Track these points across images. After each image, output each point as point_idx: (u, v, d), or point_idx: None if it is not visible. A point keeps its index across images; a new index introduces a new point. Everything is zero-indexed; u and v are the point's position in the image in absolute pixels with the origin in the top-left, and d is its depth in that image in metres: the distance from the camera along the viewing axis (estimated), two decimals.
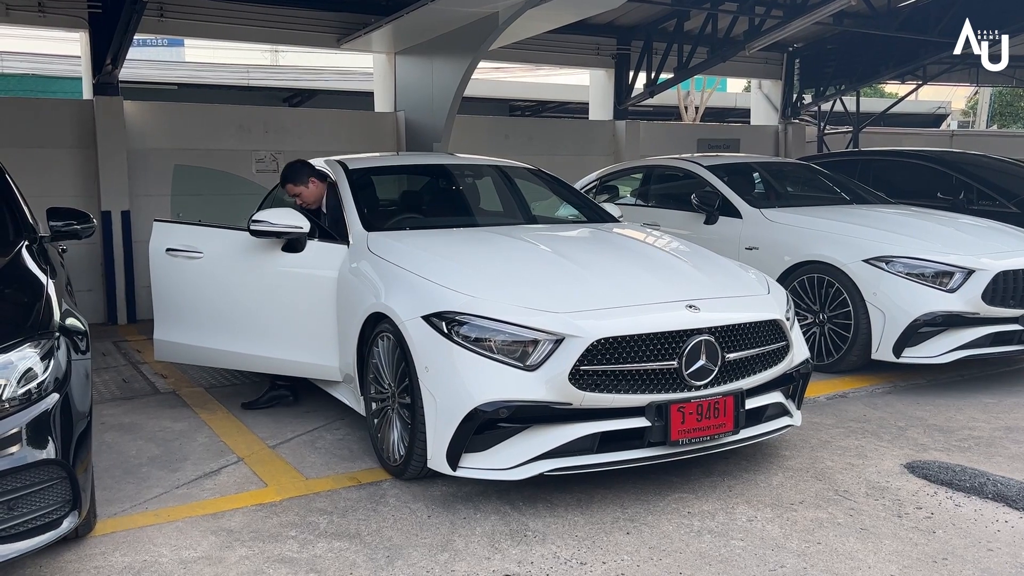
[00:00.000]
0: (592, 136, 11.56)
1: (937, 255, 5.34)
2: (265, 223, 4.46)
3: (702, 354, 3.52)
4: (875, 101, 18.81)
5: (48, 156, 7.98)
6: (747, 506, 3.49)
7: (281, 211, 4.60)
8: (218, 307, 4.79)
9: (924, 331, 5.23)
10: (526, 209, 5.50)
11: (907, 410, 4.88)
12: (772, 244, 6.06)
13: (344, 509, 3.48)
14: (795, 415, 4.04)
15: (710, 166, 7.06)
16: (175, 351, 4.96)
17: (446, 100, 8.68)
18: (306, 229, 4.49)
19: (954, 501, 3.53)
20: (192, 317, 4.84)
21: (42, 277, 3.30)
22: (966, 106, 29.57)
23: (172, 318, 4.88)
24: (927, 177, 8.34)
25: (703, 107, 19.04)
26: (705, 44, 10.93)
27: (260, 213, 4.57)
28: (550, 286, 3.75)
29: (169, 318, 4.89)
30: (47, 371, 2.78)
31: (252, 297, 4.69)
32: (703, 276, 4.07)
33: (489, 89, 16.54)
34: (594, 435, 3.42)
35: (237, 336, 4.73)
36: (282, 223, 4.48)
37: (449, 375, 3.45)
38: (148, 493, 3.68)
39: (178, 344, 4.90)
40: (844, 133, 13.98)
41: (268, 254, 4.61)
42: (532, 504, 3.50)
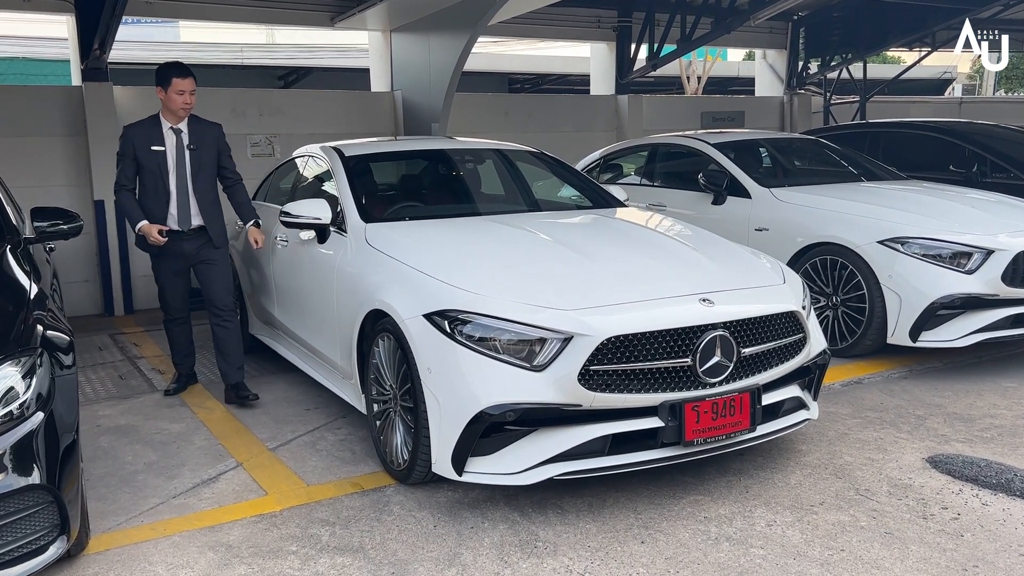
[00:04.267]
0: (594, 112, 11.32)
1: (954, 235, 5.16)
2: (290, 215, 4.54)
3: (717, 350, 3.36)
4: (881, 67, 18.47)
5: (37, 145, 7.79)
6: (765, 508, 3.36)
7: (308, 202, 4.60)
8: (282, 297, 5.17)
9: (942, 314, 5.07)
10: (529, 195, 5.32)
11: (925, 397, 4.74)
12: (783, 225, 5.89)
13: (347, 519, 3.35)
14: (812, 408, 3.90)
15: (717, 144, 6.87)
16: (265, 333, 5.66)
17: (444, 78, 8.45)
18: (325, 220, 4.47)
19: (980, 499, 3.40)
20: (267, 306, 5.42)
21: (24, 286, 3.15)
22: (971, 70, 29.15)
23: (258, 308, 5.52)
24: (939, 149, 8.14)
25: (705, 77, 18.75)
26: (709, 14, 10.65)
27: (289, 204, 4.64)
28: (557, 280, 3.59)
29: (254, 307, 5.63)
30: (29, 389, 2.64)
31: (300, 288, 4.87)
32: (715, 266, 3.91)
33: (488, 63, 16.25)
34: (605, 437, 3.28)
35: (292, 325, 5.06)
36: (304, 214, 4.51)
37: (453, 377, 3.30)
38: (144, 504, 3.55)
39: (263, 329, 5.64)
40: (851, 103, 13.71)
41: (308, 244, 4.71)
42: (542, 510, 3.37)
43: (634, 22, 11.26)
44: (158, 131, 4.68)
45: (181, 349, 5.17)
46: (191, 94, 4.66)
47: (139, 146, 4.66)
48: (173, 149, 4.69)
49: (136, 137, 4.68)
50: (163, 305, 5.00)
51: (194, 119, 4.77)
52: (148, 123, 4.73)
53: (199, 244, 4.81)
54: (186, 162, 4.70)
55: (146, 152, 4.66)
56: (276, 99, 9.37)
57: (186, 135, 4.71)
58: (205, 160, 4.76)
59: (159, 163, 4.66)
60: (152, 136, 4.66)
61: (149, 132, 4.68)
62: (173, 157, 4.68)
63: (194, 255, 4.82)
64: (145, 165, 4.67)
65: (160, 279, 4.92)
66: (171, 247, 4.73)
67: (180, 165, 4.69)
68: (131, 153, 4.68)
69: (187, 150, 4.70)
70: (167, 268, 4.86)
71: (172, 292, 4.94)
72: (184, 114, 4.69)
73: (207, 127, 4.81)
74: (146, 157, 4.66)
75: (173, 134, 4.69)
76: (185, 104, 4.65)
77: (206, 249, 4.82)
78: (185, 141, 4.70)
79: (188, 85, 4.64)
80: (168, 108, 4.67)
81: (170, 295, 4.95)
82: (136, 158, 4.67)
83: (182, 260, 4.83)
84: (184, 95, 4.63)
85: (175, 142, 4.69)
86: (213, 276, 4.88)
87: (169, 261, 4.82)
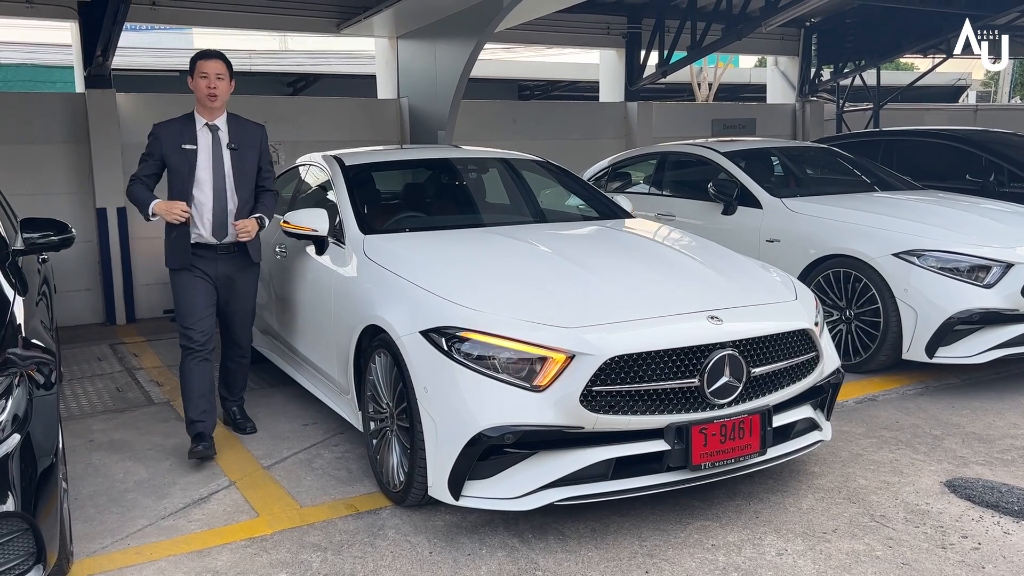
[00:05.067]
0: (603, 119, 11.19)
1: (972, 248, 5.01)
2: (289, 224, 4.39)
3: (726, 370, 3.22)
4: (895, 74, 18.28)
5: (40, 152, 7.72)
6: (776, 536, 3.21)
7: (307, 212, 4.45)
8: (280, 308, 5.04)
9: (959, 329, 4.91)
10: (534, 205, 5.19)
11: (942, 415, 4.58)
12: (795, 236, 5.74)
13: (340, 544, 3.23)
14: (825, 428, 3.75)
15: (727, 152, 6.73)
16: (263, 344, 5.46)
17: (450, 86, 8.34)
18: (321, 232, 4.33)
19: (1002, 528, 3.24)
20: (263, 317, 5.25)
21: (7, 300, 3.04)
22: (986, 77, 28.85)
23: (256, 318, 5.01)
24: (955, 158, 7.97)
25: (716, 83, 18.58)
26: (720, 21, 10.53)
27: (289, 214, 4.49)
28: (559, 296, 3.46)
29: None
30: (5, 411, 2.52)
31: (298, 299, 4.74)
32: (724, 281, 3.77)
33: (497, 70, 16.16)
34: (608, 460, 3.14)
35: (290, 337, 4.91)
36: (302, 224, 4.37)
37: (450, 396, 3.18)
38: (132, 525, 3.43)
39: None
40: (864, 110, 13.53)
41: (307, 255, 4.57)
42: (542, 535, 3.24)
43: (644, 29, 11.14)
44: (190, 128, 4.10)
45: (201, 398, 4.14)
46: (216, 78, 4.05)
47: (168, 145, 4.07)
48: (208, 148, 4.09)
49: (165, 135, 4.09)
50: (185, 334, 4.17)
51: (234, 117, 4.21)
52: (180, 120, 4.15)
53: (233, 264, 4.21)
54: (225, 163, 4.11)
55: (176, 151, 4.07)
56: (281, 106, 9.29)
57: (225, 133, 4.13)
58: (247, 163, 4.19)
59: (190, 163, 4.06)
60: (184, 134, 4.08)
61: (180, 130, 4.09)
62: (208, 157, 4.09)
63: (224, 276, 4.21)
64: (174, 166, 4.08)
65: (183, 300, 4.16)
66: (200, 264, 4.13)
67: (218, 166, 4.10)
68: (158, 153, 4.09)
69: (227, 150, 4.12)
70: (192, 287, 4.15)
71: (199, 315, 4.14)
72: (212, 103, 4.06)
73: (249, 127, 4.25)
74: (176, 157, 4.07)
75: (208, 132, 4.11)
76: (210, 90, 4.03)
77: (239, 270, 4.24)
78: (224, 139, 4.12)
79: (212, 67, 4.05)
80: (199, 101, 4.12)
81: (197, 318, 4.13)
82: (163, 158, 4.09)
83: (211, 280, 4.20)
84: (208, 79, 4.03)
85: (210, 140, 4.10)
86: (240, 307, 4.31)
87: (197, 280, 4.15)
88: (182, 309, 4.18)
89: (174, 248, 4.15)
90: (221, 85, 4.08)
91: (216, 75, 4.06)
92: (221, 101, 4.09)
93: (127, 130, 7.89)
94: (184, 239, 4.12)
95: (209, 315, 4.20)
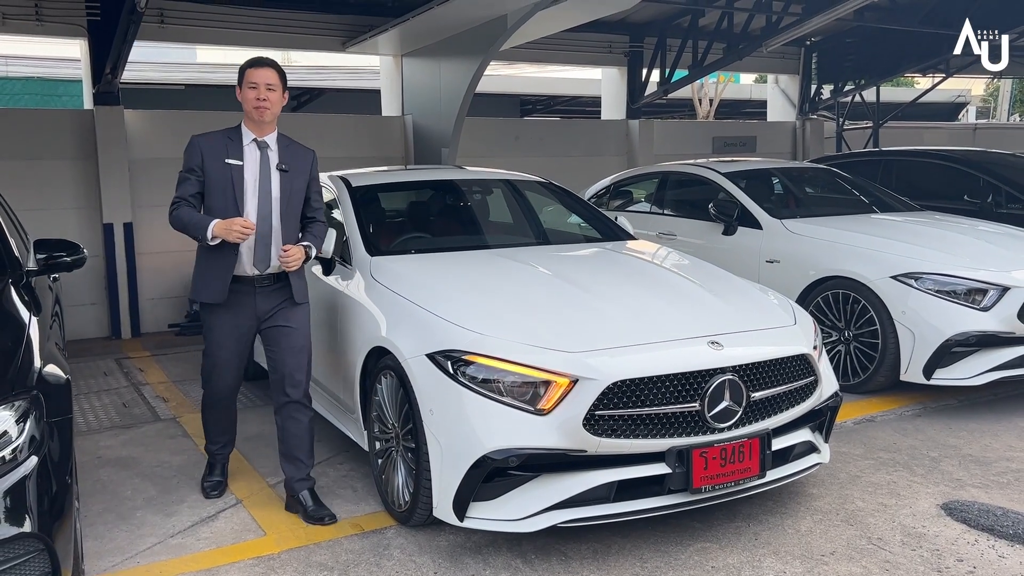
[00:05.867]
0: (605, 136, 11.30)
1: (969, 271, 5.08)
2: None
3: (726, 394, 3.29)
4: (895, 91, 18.40)
5: (48, 168, 7.81)
6: (775, 558, 3.27)
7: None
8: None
9: (956, 351, 4.98)
10: (538, 226, 5.27)
11: (939, 437, 4.64)
12: (794, 258, 5.81)
13: (346, 564, 3.28)
14: (824, 451, 3.81)
15: (728, 173, 6.81)
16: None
17: (455, 103, 8.44)
18: (327, 253, 4.17)
19: (997, 551, 3.30)
20: None
21: (23, 322, 3.10)
22: (985, 93, 29.02)
23: None
24: (953, 178, 8.06)
25: (717, 100, 18.72)
26: (721, 40, 10.65)
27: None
28: (563, 320, 3.53)
29: None
30: (23, 434, 2.58)
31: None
32: (725, 305, 3.84)
33: (499, 85, 16.26)
34: (611, 483, 3.21)
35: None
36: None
37: (455, 419, 3.24)
38: (141, 544, 3.49)
39: None
40: (864, 128, 13.64)
41: (312, 275, 4.46)
42: (545, 557, 3.29)
43: (645, 47, 11.27)
44: (236, 143, 3.66)
45: (222, 434, 4.01)
46: (267, 88, 3.60)
47: (209, 159, 3.61)
48: (255, 165, 3.65)
49: (207, 147, 3.64)
50: (209, 380, 3.84)
51: (285, 138, 3.79)
52: (224, 133, 3.71)
53: (276, 300, 3.73)
54: (273, 185, 3.66)
55: (218, 166, 3.61)
56: (285, 123, 9.29)
57: (275, 153, 3.70)
58: (296, 188, 3.73)
59: (233, 180, 3.61)
60: (228, 148, 3.64)
61: (224, 143, 3.66)
62: (255, 176, 3.64)
63: (266, 315, 3.73)
64: (215, 182, 3.61)
65: (213, 342, 3.76)
66: (236, 300, 3.66)
67: (264, 188, 3.65)
68: (198, 167, 3.62)
69: (277, 171, 3.67)
70: (226, 326, 3.71)
71: (226, 363, 3.77)
72: (262, 117, 3.63)
73: (301, 150, 3.82)
74: (217, 172, 3.61)
75: (256, 148, 3.67)
76: (259, 102, 3.59)
77: (284, 307, 3.74)
78: (273, 160, 3.68)
79: (261, 77, 3.60)
80: (246, 113, 3.68)
81: (223, 366, 3.77)
82: (203, 172, 3.62)
83: (249, 319, 3.72)
84: (257, 89, 3.59)
85: (258, 158, 3.66)
86: (290, 345, 3.74)
87: (231, 317, 3.69)
88: (210, 351, 3.79)
89: (208, 279, 3.66)
90: (272, 96, 3.63)
91: (267, 85, 3.61)
92: (272, 115, 3.66)
93: (135, 146, 7.99)
94: (225, 270, 3.63)
95: (238, 366, 3.82)
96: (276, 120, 3.73)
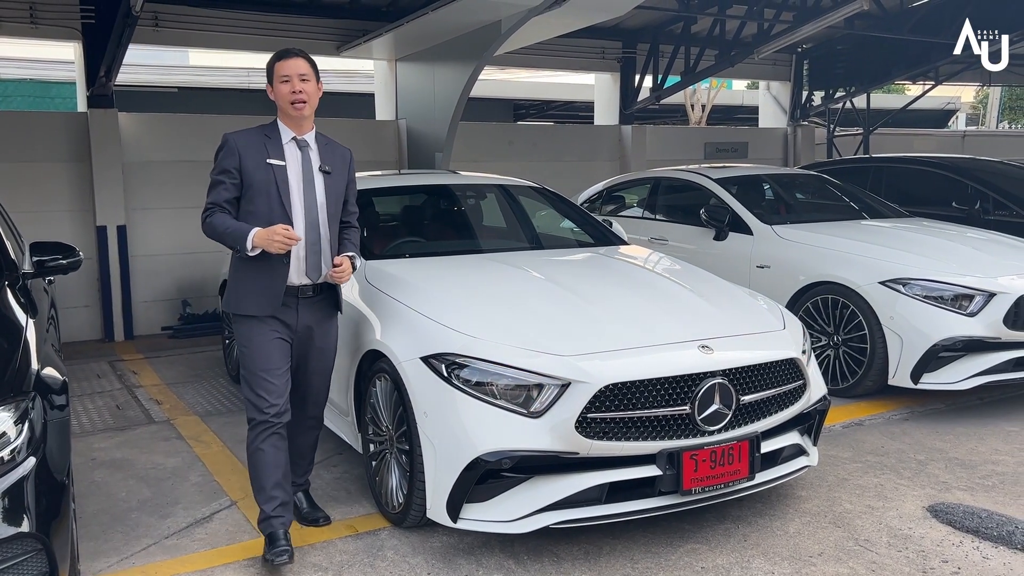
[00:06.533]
0: (598, 141, 11.37)
1: (956, 277, 5.15)
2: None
3: (716, 398, 3.34)
4: (885, 97, 18.54)
5: (42, 170, 7.81)
6: (763, 559, 3.32)
7: None
8: None
9: (943, 356, 5.04)
10: (531, 231, 5.32)
11: (926, 440, 4.70)
12: (785, 263, 5.87)
13: (340, 564, 3.32)
14: (812, 453, 3.86)
15: (719, 179, 6.87)
16: None
17: (448, 108, 8.49)
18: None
19: (981, 553, 3.35)
20: None
21: (20, 324, 3.13)
22: (975, 100, 29.24)
23: None
24: (941, 185, 8.14)
25: (709, 106, 18.82)
26: (713, 47, 10.74)
27: None
28: (555, 324, 3.57)
29: None
30: (21, 435, 2.61)
31: None
32: (715, 310, 3.89)
33: (493, 89, 16.35)
34: (602, 485, 3.25)
35: None
36: None
37: (449, 421, 3.28)
38: (136, 545, 3.52)
39: None
40: (855, 135, 13.75)
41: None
42: (537, 557, 3.33)
43: (638, 53, 11.35)
44: (275, 141, 3.35)
45: (276, 487, 3.34)
46: (300, 79, 3.30)
47: (248, 158, 3.27)
48: (297, 167, 3.34)
49: (244, 147, 3.29)
50: (255, 403, 3.31)
51: (323, 137, 3.49)
52: (259, 130, 3.38)
53: (314, 312, 3.45)
54: (317, 188, 3.37)
55: (259, 167, 3.28)
56: None
57: (315, 153, 3.41)
58: (338, 191, 3.47)
59: (277, 182, 3.28)
60: (267, 147, 3.32)
61: (262, 140, 3.34)
62: (298, 178, 3.34)
63: (304, 328, 3.42)
64: (257, 184, 3.27)
65: (256, 358, 3.31)
66: (278, 313, 3.34)
67: (309, 191, 3.34)
68: (234, 169, 3.27)
69: (320, 173, 3.39)
70: (267, 342, 3.32)
71: (275, 378, 3.31)
72: (299, 112, 3.31)
73: (339, 149, 3.55)
74: (258, 174, 3.28)
75: (297, 148, 3.37)
76: (295, 95, 3.29)
77: (320, 320, 3.48)
78: (315, 162, 3.39)
79: (292, 68, 3.30)
80: (282, 111, 3.38)
81: (273, 383, 3.30)
82: (241, 174, 3.27)
83: (288, 335, 3.39)
84: (290, 82, 3.29)
85: (300, 159, 3.36)
86: (319, 366, 3.55)
87: (271, 328, 3.33)
88: (254, 369, 3.31)
89: (254, 289, 3.31)
90: (308, 88, 3.33)
91: (300, 76, 3.31)
92: (310, 108, 3.34)
93: (129, 149, 8.01)
94: (275, 279, 3.30)
95: (286, 379, 3.38)
96: (313, 115, 3.43)
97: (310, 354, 3.51)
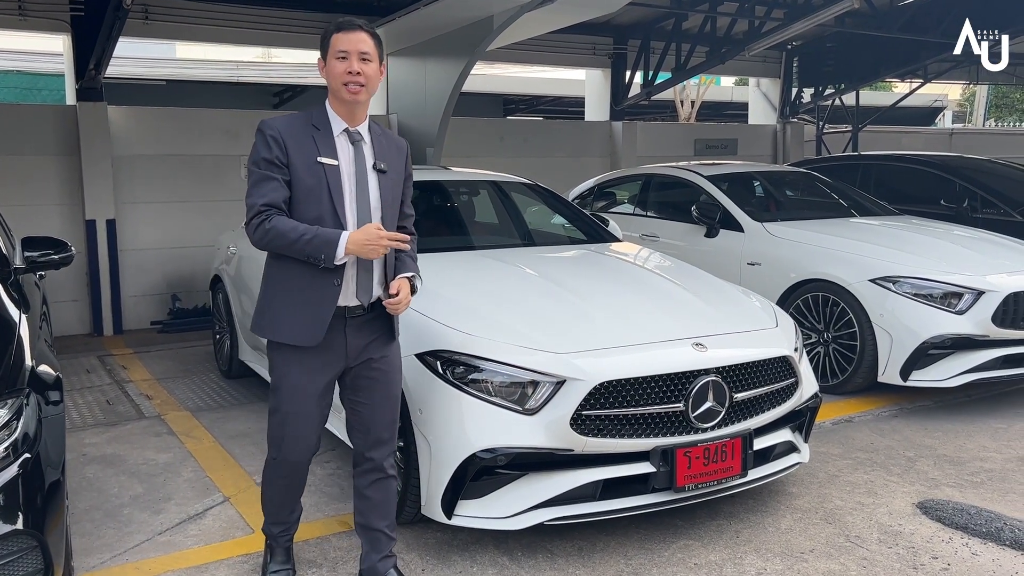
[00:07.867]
0: (588, 137, 11.38)
1: (945, 275, 5.19)
2: None
3: (709, 395, 3.36)
4: (874, 94, 18.64)
5: (30, 164, 7.75)
6: (756, 555, 3.34)
7: None
8: None
9: (932, 354, 5.09)
10: (524, 227, 5.32)
11: (915, 437, 4.74)
12: (775, 260, 5.91)
13: (334, 560, 3.32)
14: (803, 450, 3.89)
15: (710, 176, 6.90)
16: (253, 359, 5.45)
17: (440, 103, 8.47)
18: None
19: (970, 549, 3.39)
20: None
21: (13, 320, 3.12)
22: (961, 98, 29.43)
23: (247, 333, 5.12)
24: (930, 183, 8.21)
25: (699, 102, 18.87)
26: (704, 43, 10.76)
27: None
28: (550, 321, 3.59)
29: None
30: (15, 432, 2.60)
31: None
32: (708, 308, 3.91)
33: (483, 84, 16.30)
34: (597, 482, 3.27)
35: None
36: None
37: (444, 418, 3.28)
38: (129, 541, 3.51)
39: None
40: (843, 132, 13.82)
41: None
42: (531, 554, 3.35)
43: (629, 50, 11.36)
44: (325, 133, 2.77)
45: (290, 512, 3.13)
46: (362, 59, 2.71)
47: (297, 153, 2.72)
48: (350, 165, 2.78)
49: (291, 138, 2.73)
50: (281, 443, 2.90)
51: (377, 127, 2.90)
52: (304, 119, 2.79)
53: (368, 334, 2.88)
54: (371, 191, 2.80)
55: (308, 166, 2.72)
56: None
57: (369, 147, 2.83)
58: (395, 193, 2.89)
59: (330, 184, 2.73)
60: (317, 141, 2.74)
61: (309, 132, 2.76)
62: (351, 179, 2.78)
63: (356, 352, 2.86)
64: (305, 187, 2.72)
65: (289, 390, 2.82)
66: (324, 339, 2.77)
67: (362, 196, 2.78)
68: (281, 162, 2.70)
69: (374, 172, 2.81)
70: (309, 371, 2.81)
71: (307, 417, 2.85)
72: (354, 97, 2.72)
73: (395, 143, 2.94)
74: (309, 176, 2.72)
75: (348, 142, 2.79)
76: (351, 77, 2.70)
77: (377, 345, 2.90)
78: (368, 158, 2.81)
79: (352, 43, 2.71)
80: (333, 93, 2.78)
81: (303, 421, 2.85)
82: (288, 170, 2.71)
83: (339, 360, 2.84)
84: (348, 60, 2.70)
85: (351, 155, 2.79)
86: (387, 393, 2.95)
87: (316, 359, 2.80)
88: (284, 408, 2.85)
89: (295, 313, 2.76)
90: (368, 70, 2.74)
91: (360, 55, 2.72)
92: (367, 93, 2.74)
93: (118, 143, 7.95)
94: (323, 302, 2.75)
95: (320, 421, 2.91)
96: (369, 102, 2.84)
97: (370, 379, 2.91)
